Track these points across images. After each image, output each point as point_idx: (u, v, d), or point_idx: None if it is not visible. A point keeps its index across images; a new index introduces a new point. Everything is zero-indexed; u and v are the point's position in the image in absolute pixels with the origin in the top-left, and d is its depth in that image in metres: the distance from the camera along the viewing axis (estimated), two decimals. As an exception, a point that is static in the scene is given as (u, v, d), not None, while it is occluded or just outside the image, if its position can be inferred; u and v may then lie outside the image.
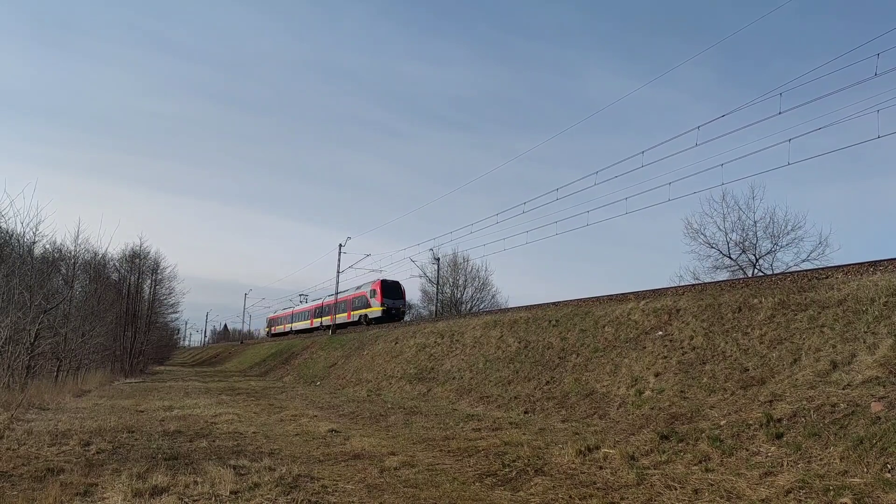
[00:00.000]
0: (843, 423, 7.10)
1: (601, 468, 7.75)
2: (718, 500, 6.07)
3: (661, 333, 13.12)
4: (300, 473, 7.60)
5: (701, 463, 7.36)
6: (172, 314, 52.97)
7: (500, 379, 15.84)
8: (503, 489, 7.08)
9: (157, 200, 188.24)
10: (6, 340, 15.60)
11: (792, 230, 28.55)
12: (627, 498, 6.39)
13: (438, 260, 48.75)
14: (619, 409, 11.18)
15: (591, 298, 18.33)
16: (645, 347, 12.96)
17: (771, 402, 8.56)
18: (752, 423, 8.04)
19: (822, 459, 6.62)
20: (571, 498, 6.49)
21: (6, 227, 20.22)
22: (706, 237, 30.67)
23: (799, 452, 6.92)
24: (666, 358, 12.03)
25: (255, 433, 11.35)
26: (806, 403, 7.94)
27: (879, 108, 13.31)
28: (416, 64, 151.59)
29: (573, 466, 7.93)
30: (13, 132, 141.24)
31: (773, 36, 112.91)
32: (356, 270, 44.22)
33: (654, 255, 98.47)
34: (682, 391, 10.57)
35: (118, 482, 6.82)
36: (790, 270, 23.39)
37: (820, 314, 10.31)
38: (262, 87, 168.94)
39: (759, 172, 25.87)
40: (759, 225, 29.41)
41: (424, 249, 70.33)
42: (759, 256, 29.50)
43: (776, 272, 25.09)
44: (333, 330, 41.90)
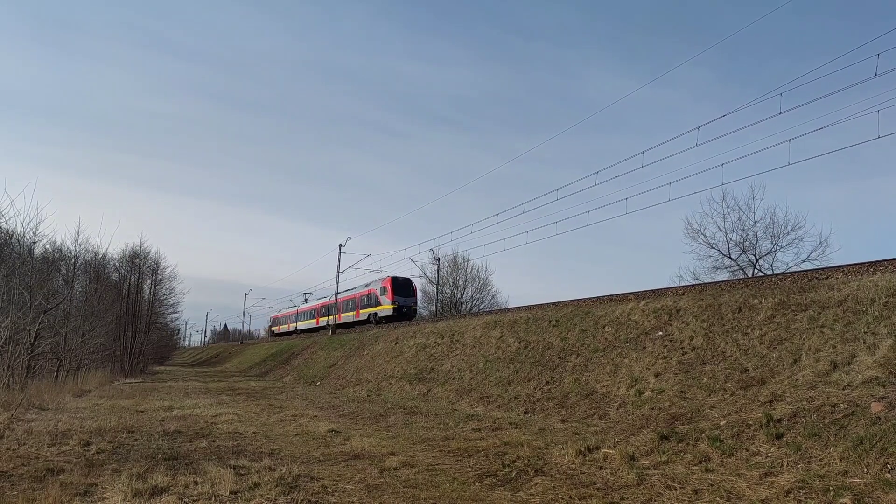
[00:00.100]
0: (843, 423, 7.10)
1: (601, 468, 7.75)
2: (718, 500, 6.07)
3: (661, 333, 13.13)
4: (300, 473, 7.60)
5: (701, 463, 7.36)
6: (172, 314, 53.02)
7: (500, 379, 15.85)
8: (503, 489, 7.08)
9: (157, 200, 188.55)
10: (6, 340, 15.60)
11: (792, 230, 28.62)
12: (627, 498, 6.39)
13: (438, 260, 48.81)
14: (619, 409, 11.19)
15: (591, 298, 18.34)
16: (645, 347, 12.96)
17: (771, 402, 8.56)
18: (752, 423, 8.04)
19: (822, 459, 6.62)
20: (571, 498, 6.49)
21: (6, 227, 20.23)
22: (706, 237, 30.72)
23: (799, 453, 6.92)
24: (666, 358, 12.03)
25: (255, 433, 11.35)
26: (806, 404, 7.94)
27: (879, 108, 13.35)
28: (416, 64, 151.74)
29: (573, 466, 7.93)
30: (13, 132, 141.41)
31: (773, 36, 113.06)
32: (356, 270, 44.23)
33: (654, 255, 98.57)
34: (682, 391, 10.57)
35: (118, 482, 6.82)
36: (790, 270, 23.41)
37: (820, 314, 10.31)
38: (261, 87, 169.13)
39: (759, 172, 25.94)
40: (759, 225, 29.47)
41: (424, 249, 70.46)
42: (759, 257, 29.55)
43: (776, 272, 25.12)
44: (334, 330, 41.86)
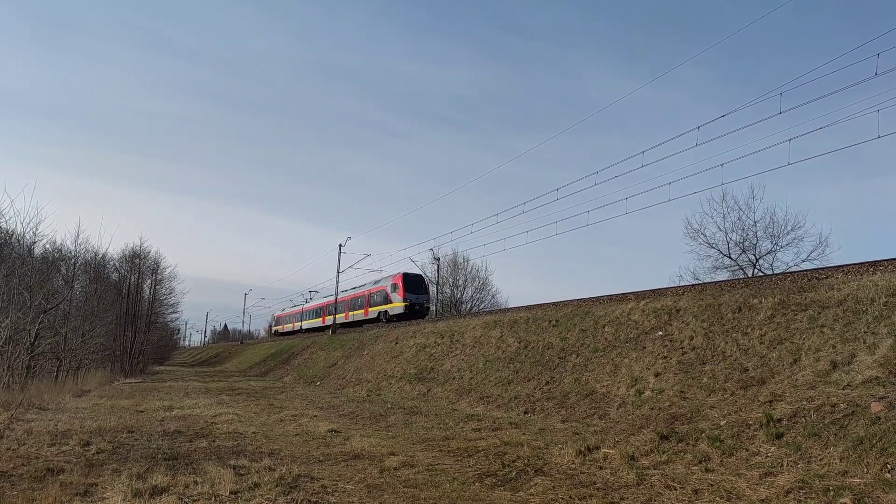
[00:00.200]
0: (843, 423, 7.10)
1: (601, 468, 7.75)
2: (718, 500, 6.07)
3: (661, 333, 13.13)
4: (300, 473, 7.60)
5: (701, 463, 7.36)
6: (172, 314, 53.06)
7: (499, 379, 15.85)
8: (503, 489, 7.08)
9: (157, 200, 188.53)
10: (6, 340, 15.61)
11: (792, 230, 28.64)
12: (627, 498, 6.39)
13: (438, 260, 48.80)
14: (619, 409, 11.19)
15: (591, 298, 18.34)
16: (645, 347, 12.96)
17: (771, 402, 8.56)
18: (752, 423, 8.04)
19: (822, 459, 6.62)
20: (571, 498, 6.49)
21: (6, 227, 20.25)
22: (706, 237, 30.75)
23: (799, 452, 6.92)
24: (666, 358, 12.03)
25: (254, 433, 11.35)
26: (806, 403, 7.94)
27: (879, 108, 13.35)
28: (416, 64, 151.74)
29: (573, 466, 7.93)
30: (13, 132, 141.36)
31: (773, 36, 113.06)
32: (356, 270, 44.20)
33: (654, 255, 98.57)
34: (682, 391, 10.57)
35: (118, 482, 6.82)
36: (790, 270, 23.40)
37: (820, 314, 10.31)
38: (261, 87, 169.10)
39: (759, 172, 25.95)
40: (759, 225, 29.49)
41: (424, 249, 70.37)
42: (759, 256, 29.57)
43: (776, 272, 25.11)
44: (334, 330, 41.83)
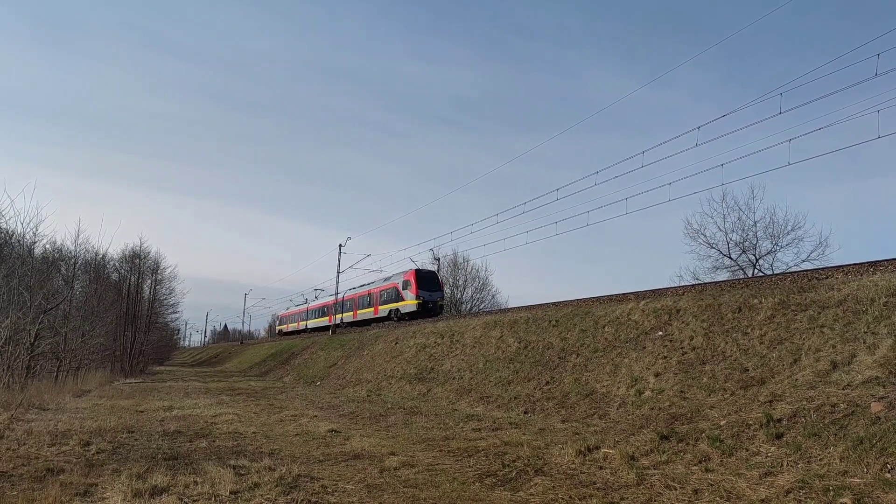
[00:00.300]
0: (843, 423, 7.10)
1: (601, 468, 7.74)
2: (718, 500, 6.07)
3: (661, 333, 13.12)
4: (300, 473, 7.60)
5: (701, 463, 7.36)
6: (172, 314, 53.10)
7: (499, 379, 15.84)
8: (503, 489, 7.08)
9: (157, 200, 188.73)
10: (6, 340, 15.61)
11: (792, 230, 28.67)
12: (627, 498, 6.39)
13: (438, 260, 48.81)
14: (619, 409, 11.18)
15: (591, 298, 18.34)
16: (645, 347, 12.96)
17: (771, 402, 8.56)
18: (752, 423, 8.04)
19: (822, 459, 6.62)
20: (571, 498, 6.49)
21: (6, 227, 20.25)
22: (706, 237, 30.79)
23: (799, 452, 6.92)
24: (666, 358, 12.03)
25: (254, 433, 11.35)
26: (806, 403, 7.94)
27: (879, 108, 13.39)
28: (416, 64, 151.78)
29: (573, 466, 7.93)
30: (13, 132, 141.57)
31: (773, 36, 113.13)
32: (356, 270, 44.21)
33: (654, 255, 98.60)
34: (682, 391, 10.57)
35: (118, 482, 6.82)
36: (790, 270, 23.41)
37: (820, 314, 10.31)
38: (261, 87, 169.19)
39: (759, 172, 26.00)
40: (759, 225, 29.52)
41: (424, 249, 70.48)
42: (759, 257, 29.59)
43: (776, 272, 25.13)
44: (333, 330, 41.81)
